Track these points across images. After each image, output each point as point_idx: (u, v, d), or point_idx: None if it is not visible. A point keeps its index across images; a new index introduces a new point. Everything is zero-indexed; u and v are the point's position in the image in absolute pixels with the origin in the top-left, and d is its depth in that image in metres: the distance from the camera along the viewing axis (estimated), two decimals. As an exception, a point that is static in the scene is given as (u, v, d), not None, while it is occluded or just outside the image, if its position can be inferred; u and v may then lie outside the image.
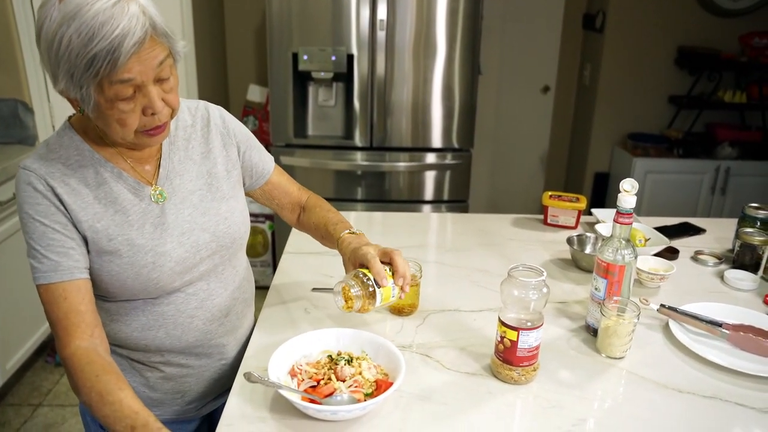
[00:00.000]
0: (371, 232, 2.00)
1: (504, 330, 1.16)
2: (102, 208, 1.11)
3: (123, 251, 1.11)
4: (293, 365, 1.16)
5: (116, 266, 1.11)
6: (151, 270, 1.13)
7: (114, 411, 0.99)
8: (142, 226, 1.14)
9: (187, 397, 1.30)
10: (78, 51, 0.95)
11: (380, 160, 3.10)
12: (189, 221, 1.19)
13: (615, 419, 1.10)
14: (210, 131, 1.27)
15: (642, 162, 3.81)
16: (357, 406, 1.02)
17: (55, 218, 1.07)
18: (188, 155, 1.23)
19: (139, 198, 1.15)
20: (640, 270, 1.59)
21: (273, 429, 1.04)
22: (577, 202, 2.01)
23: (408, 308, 1.43)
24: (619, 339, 1.26)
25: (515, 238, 1.94)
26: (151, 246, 1.13)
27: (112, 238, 1.11)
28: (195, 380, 1.29)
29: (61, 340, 1.07)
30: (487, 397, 1.15)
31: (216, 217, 1.22)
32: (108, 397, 1.01)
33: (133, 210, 1.14)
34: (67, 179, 1.09)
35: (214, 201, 1.23)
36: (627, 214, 1.26)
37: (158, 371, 1.25)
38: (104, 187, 1.12)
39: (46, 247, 1.06)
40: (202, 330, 1.24)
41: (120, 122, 1.03)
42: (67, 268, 1.07)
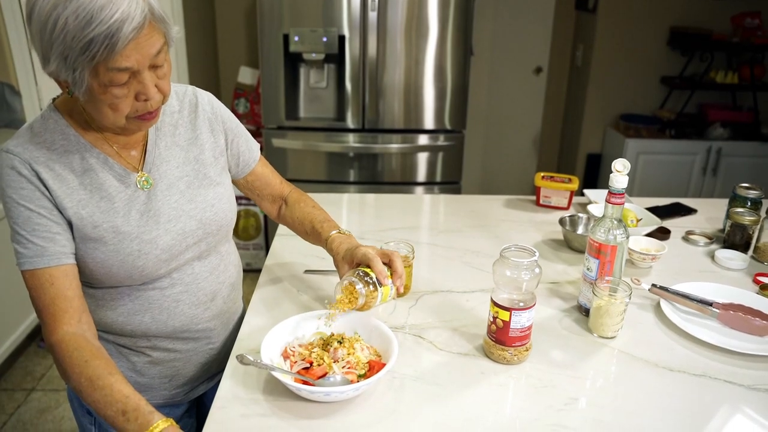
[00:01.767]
0: (364, 215, 2.00)
1: (496, 310, 1.16)
2: (87, 194, 1.09)
3: (108, 239, 1.10)
4: (286, 347, 1.16)
5: (101, 254, 1.10)
6: (137, 258, 1.12)
7: (104, 396, 0.99)
8: (128, 213, 1.12)
9: (175, 381, 1.29)
10: (74, 34, 0.92)
11: (372, 142, 3.09)
12: (176, 208, 1.17)
13: (606, 398, 1.11)
14: (197, 117, 1.25)
15: (634, 143, 3.81)
16: (350, 387, 1.02)
17: (40, 203, 1.05)
18: (175, 141, 1.21)
19: (125, 185, 1.13)
20: (632, 250, 1.59)
21: (266, 411, 1.05)
22: (569, 182, 2.01)
23: None
24: (611, 319, 1.27)
25: (507, 219, 1.94)
26: (137, 233, 1.12)
27: (97, 225, 1.09)
28: (183, 364, 1.29)
29: (48, 326, 1.06)
30: (480, 378, 1.15)
31: (203, 204, 1.21)
32: (98, 382, 1.00)
33: (118, 197, 1.12)
34: (52, 164, 1.07)
35: (201, 188, 1.22)
36: (619, 194, 1.26)
37: (145, 356, 1.24)
38: (90, 174, 1.10)
39: (31, 232, 1.05)
40: (188, 314, 1.23)
41: (112, 107, 1.01)
42: (53, 254, 1.06)
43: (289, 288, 1.47)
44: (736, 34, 3.78)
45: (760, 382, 1.16)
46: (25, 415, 2.57)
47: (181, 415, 1.35)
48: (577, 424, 1.03)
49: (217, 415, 1.04)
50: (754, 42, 3.70)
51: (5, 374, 2.82)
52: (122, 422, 0.96)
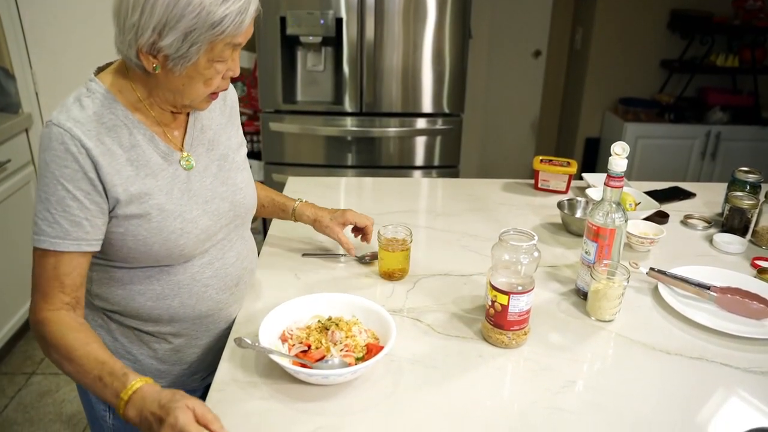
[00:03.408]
0: (362, 198, 1.99)
1: (495, 294, 1.16)
2: (134, 170, 1.10)
3: (153, 216, 1.11)
4: (284, 330, 1.16)
5: (144, 231, 1.10)
6: (179, 236, 1.13)
7: (81, 366, 1.00)
8: (170, 191, 1.14)
9: (192, 367, 1.30)
10: (210, 9, 0.97)
11: (370, 126, 3.08)
12: (211, 190, 1.20)
13: (604, 381, 1.11)
14: (227, 105, 1.30)
15: (633, 127, 3.80)
16: (348, 370, 1.02)
17: (79, 185, 1.04)
18: (209, 125, 1.24)
19: (168, 162, 1.15)
20: (630, 234, 1.59)
21: (264, 394, 1.05)
22: (567, 166, 2.01)
23: (398, 273, 1.43)
24: (609, 302, 1.27)
25: (506, 203, 1.94)
26: (179, 212, 1.14)
27: (143, 201, 1.10)
28: (201, 351, 1.29)
29: (37, 304, 1.07)
30: (478, 361, 1.15)
31: (233, 187, 1.24)
32: (74, 353, 1.01)
33: (162, 174, 1.13)
34: (103, 138, 1.06)
35: (231, 171, 1.25)
36: (618, 178, 1.26)
37: (167, 343, 1.25)
38: (137, 149, 1.10)
39: (60, 213, 1.04)
40: (214, 299, 1.24)
41: (207, 83, 1.07)
42: (74, 239, 1.05)
43: (286, 272, 1.47)
44: (738, 17, 3.75)
45: (757, 365, 1.16)
46: (25, 398, 2.59)
47: None
48: (575, 407, 1.04)
49: (215, 398, 1.04)
50: (755, 25, 3.68)
51: (5, 358, 2.82)
52: (100, 388, 0.98)
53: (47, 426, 2.44)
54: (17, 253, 2.75)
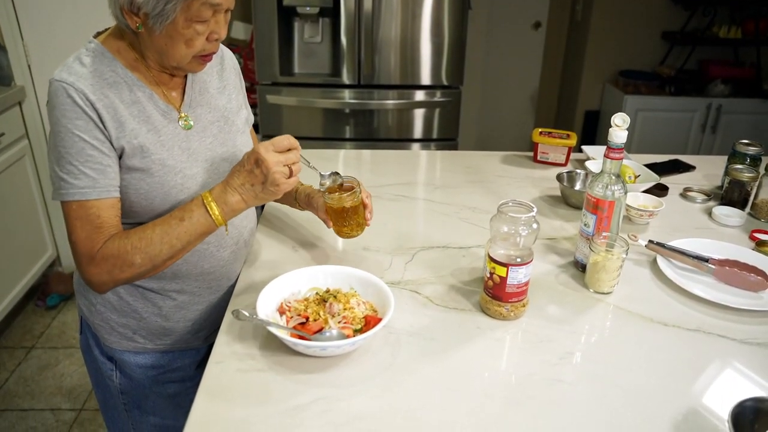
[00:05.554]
0: (360, 171, 1.98)
1: (493, 266, 1.16)
2: (137, 125, 1.12)
3: (155, 170, 1.13)
4: (282, 302, 1.16)
5: (146, 184, 1.13)
6: (179, 192, 1.16)
7: (162, 231, 1.09)
8: (171, 147, 1.16)
9: (196, 325, 1.33)
10: None
11: (368, 98, 3.05)
12: (210, 149, 1.23)
13: (602, 352, 1.11)
14: (224, 69, 1.32)
15: (633, 99, 3.78)
16: (346, 342, 1.02)
17: (94, 134, 1.07)
18: (207, 88, 1.26)
19: (167, 120, 1.17)
20: (630, 206, 1.59)
21: (263, 366, 1.05)
22: (567, 138, 2.00)
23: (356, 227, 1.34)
24: (608, 274, 1.27)
25: (505, 175, 1.93)
26: (180, 168, 1.16)
27: (147, 155, 1.12)
28: (205, 308, 1.32)
29: (86, 256, 1.09)
30: (476, 333, 1.16)
31: (233, 149, 1.27)
32: (146, 232, 1.09)
33: (163, 131, 1.16)
34: (105, 91, 1.09)
35: (231, 134, 1.27)
36: (618, 149, 1.25)
37: (171, 299, 1.27)
38: (137, 105, 1.13)
39: (84, 163, 1.07)
40: (216, 257, 1.27)
41: (188, 43, 1.08)
42: (104, 186, 1.08)
43: (284, 244, 1.47)
44: (740, -13, 3.71)
45: (753, 337, 1.17)
46: (26, 371, 2.60)
47: (200, 361, 1.38)
48: (573, 378, 1.04)
49: (214, 370, 1.04)
50: (759, -5, 3.64)
51: (4, 332, 2.84)
52: (189, 225, 1.10)
53: (48, 399, 2.46)
54: (13, 230, 2.75)
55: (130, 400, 1.36)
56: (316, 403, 0.98)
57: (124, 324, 1.27)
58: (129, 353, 1.30)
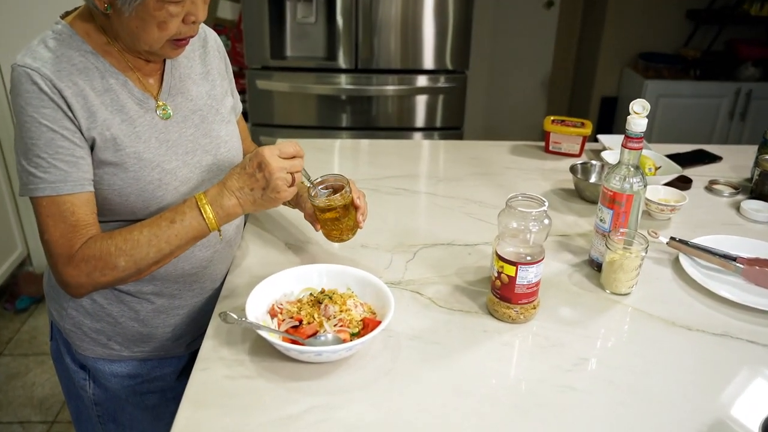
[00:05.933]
0: (357, 162, 1.99)
1: (501, 265, 1.17)
2: (110, 115, 1.11)
3: (129, 164, 1.12)
4: (273, 304, 1.17)
5: (120, 180, 1.12)
6: (157, 188, 1.15)
7: (150, 233, 1.09)
8: (148, 139, 1.15)
9: (177, 330, 1.32)
10: None
11: (366, 84, 3.06)
12: (192, 141, 1.22)
13: (619, 358, 1.12)
14: (207, 53, 1.31)
15: (654, 84, 3.78)
16: (342, 347, 1.03)
17: (63, 124, 1.06)
18: (188, 74, 1.26)
19: (144, 109, 1.16)
20: (650, 200, 1.60)
21: (252, 372, 1.06)
22: (581, 127, 2.00)
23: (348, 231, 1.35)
24: (625, 274, 1.27)
25: (514, 167, 1.94)
26: (158, 162, 1.15)
27: (120, 148, 1.11)
28: (187, 312, 1.32)
29: (62, 256, 1.08)
30: (483, 337, 1.16)
31: (217, 140, 1.26)
32: (133, 234, 1.09)
33: (139, 121, 1.15)
34: (74, 78, 1.08)
35: (215, 123, 1.27)
36: (637, 138, 1.26)
37: (149, 303, 1.27)
38: (110, 94, 1.12)
39: (53, 155, 1.05)
40: (198, 257, 1.26)
41: (161, 26, 1.06)
42: (77, 180, 1.07)
43: (276, 241, 1.48)
44: (774, -40, 3.71)
45: (785, 342, 1.18)
46: (-8, 380, 2.61)
47: (182, 370, 1.38)
48: (587, 385, 1.05)
49: (199, 377, 1.05)
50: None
51: (-31, 338, 2.84)
52: (180, 228, 1.10)
53: (17, 410, 2.46)
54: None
55: (105, 412, 1.36)
56: (310, 412, 0.98)
57: (98, 329, 1.27)
58: (103, 361, 1.30)
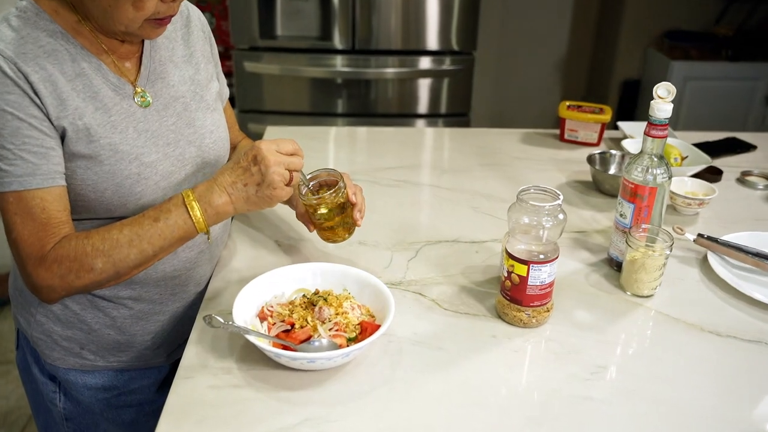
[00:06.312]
0: (354, 152, 1.99)
1: (512, 264, 1.17)
2: (82, 102, 1.09)
3: (104, 157, 1.11)
4: (262, 307, 1.17)
5: (94, 174, 1.11)
6: (135, 183, 1.14)
7: (131, 235, 1.08)
8: (125, 130, 1.14)
9: (157, 339, 1.32)
10: None
11: (364, 66, 3.05)
12: (174, 131, 1.21)
13: (641, 366, 1.12)
14: (191, 33, 1.30)
15: (681, 66, 3.77)
16: (338, 353, 1.03)
17: (30, 112, 1.04)
18: (170, 56, 1.25)
19: (120, 97, 1.15)
20: (675, 194, 1.59)
21: (240, 381, 1.06)
22: (600, 113, 2.00)
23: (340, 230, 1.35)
24: (648, 274, 1.27)
25: (525, 157, 1.94)
26: (135, 154, 1.14)
27: (94, 139, 1.10)
28: (168, 319, 1.31)
29: (32, 258, 1.07)
30: (492, 342, 1.17)
31: (202, 129, 1.25)
32: (111, 232, 1.08)
33: (115, 110, 1.13)
34: (41, 62, 1.06)
35: (199, 111, 1.26)
36: (661, 126, 1.26)
37: (127, 309, 1.26)
38: (83, 79, 1.10)
39: (20, 146, 1.04)
40: (181, 257, 1.25)
41: (136, 5, 1.04)
42: (47, 173, 1.06)
43: (266, 237, 1.48)
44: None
45: (823, 348, 1.17)
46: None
47: (162, 382, 1.38)
48: (606, 396, 1.05)
49: (182, 387, 1.05)
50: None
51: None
52: (164, 227, 1.09)
53: (-19, 424, 2.46)
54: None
55: (77, 428, 1.35)
56: (303, 424, 0.98)
57: (70, 337, 1.26)
58: (76, 372, 1.29)
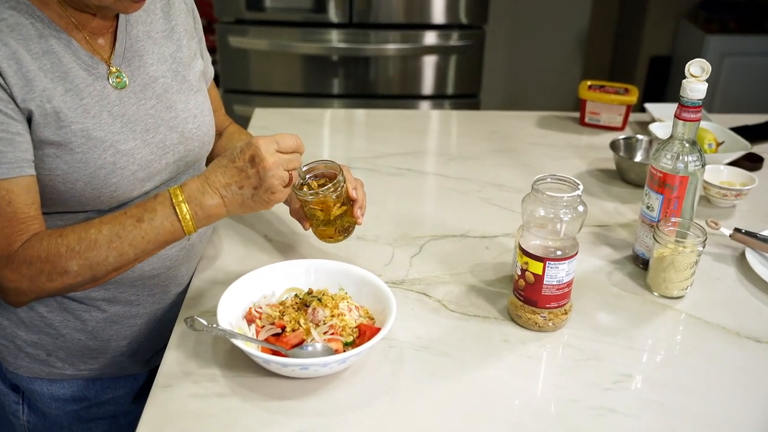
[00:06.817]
0: (351, 136, 1.99)
1: (526, 261, 1.17)
2: (50, 83, 1.09)
3: (76, 144, 1.10)
4: (250, 308, 1.17)
5: (64, 163, 1.10)
6: (110, 173, 1.14)
7: (110, 233, 1.08)
8: (98, 114, 1.13)
9: (134, 344, 1.32)
10: None
11: (363, 41, 3.05)
12: (153, 116, 1.20)
13: (669, 376, 1.12)
14: (171, 5, 1.30)
15: (718, 40, 3.75)
16: (334, 359, 1.03)
17: None
18: (148, 32, 1.24)
19: (93, 77, 1.14)
20: (709, 183, 1.59)
21: (225, 390, 1.06)
22: (625, 94, 2.00)
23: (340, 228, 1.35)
24: (678, 273, 1.27)
25: (541, 143, 1.94)
26: (110, 141, 1.14)
27: (64, 124, 1.09)
28: (145, 322, 1.31)
29: (0, 254, 1.06)
30: (504, 348, 1.17)
31: (184, 113, 1.25)
32: (88, 231, 1.08)
33: (87, 91, 1.13)
34: (4, 38, 1.05)
35: (182, 93, 1.25)
36: (694, 108, 1.25)
37: (99, 311, 1.26)
38: (50, 57, 1.09)
39: None
40: (160, 256, 1.25)
41: None
42: (13, 161, 1.05)
43: (254, 231, 1.48)
44: None
45: None
46: None
47: (138, 390, 1.39)
48: (630, 408, 1.05)
49: (161, 396, 1.05)
50: None
51: None
52: (148, 229, 1.09)
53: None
54: None
55: None
56: (294, 438, 0.99)
57: (36, 343, 1.26)
58: (41, 381, 1.29)
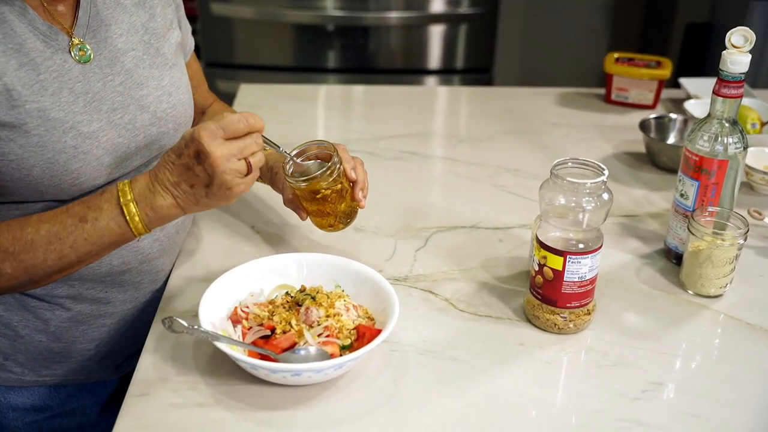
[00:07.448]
0: (349, 115, 1.99)
1: (544, 255, 1.17)
2: (2, 57, 1.08)
3: (31, 126, 1.10)
4: (236, 307, 1.17)
5: (18, 147, 1.10)
6: (71, 158, 1.13)
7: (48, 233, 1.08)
8: (58, 91, 1.13)
9: (103, 347, 1.32)
10: None
11: (361, 9, 3.05)
12: (122, 93, 1.20)
13: (705, 385, 1.12)
14: None
15: (764, 6, 3.74)
16: (329, 364, 1.03)
17: None
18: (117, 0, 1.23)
19: (52, 49, 1.13)
20: (752, 168, 1.60)
21: (208, 399, 1.06)
22: (657, 67, 2.00)
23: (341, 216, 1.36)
24: (715, 269, 1.28)
25: (562, 123, 1.95)
26: (71, 122, 1.13)
27: (18, 104, 1.09)
28: (116, 322, 1.32)
29: None
30: (519, 352, 1.17)
31: (157, 90, 1.24)
32: (25, 230, 1.08)
33: (44, 65, 1.12)
34: None
35: (154, 68, 1.25)
36: (735, 83, 1.25)
37: (64, 310, 1.26)
38: (2, 27, 1.08)
39: None
40: (132, 248, 1.25)
41: None
42: None
43: (239, 224, 1.49)
44: None
45: None
46: None
47: (108, 399, 1.39)
48: (661, 420, 1.05)
49: (135, 406, 1.05)
50: None
51: None
52: (92, 230, 1.08)
53: None
54: None
55: None
56: (285, 452, 1.00)
57: None
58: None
